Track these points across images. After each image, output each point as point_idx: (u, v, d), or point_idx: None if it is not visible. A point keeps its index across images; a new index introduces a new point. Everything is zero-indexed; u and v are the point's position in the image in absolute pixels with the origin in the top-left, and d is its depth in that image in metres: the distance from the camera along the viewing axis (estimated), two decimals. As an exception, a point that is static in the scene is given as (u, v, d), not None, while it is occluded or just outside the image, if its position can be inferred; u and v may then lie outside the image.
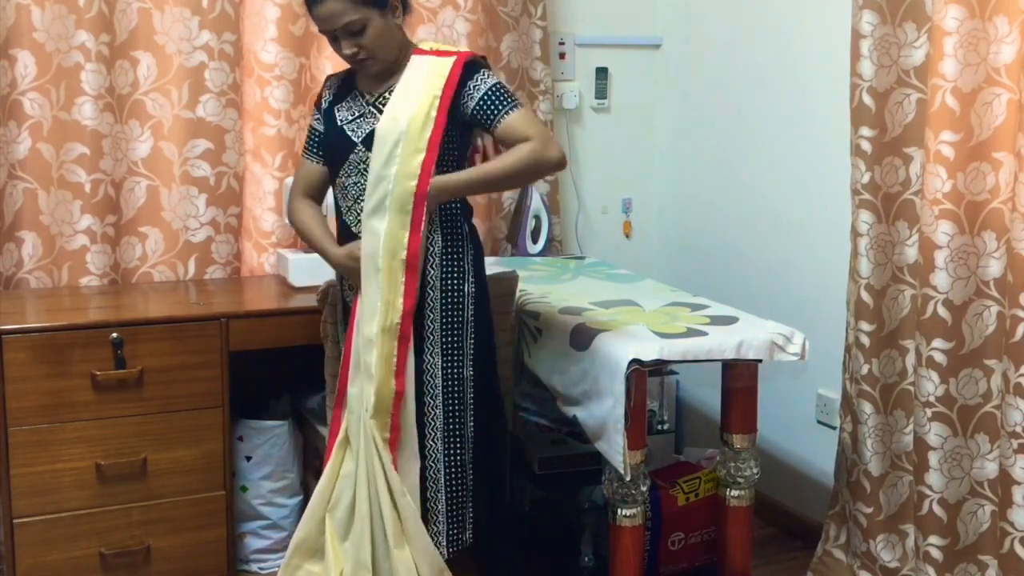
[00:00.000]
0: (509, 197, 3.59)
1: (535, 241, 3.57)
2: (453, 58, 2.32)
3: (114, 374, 2.71)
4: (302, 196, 2.49)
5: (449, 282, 2.37)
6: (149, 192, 3.17)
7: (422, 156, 2.25)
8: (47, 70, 2.99)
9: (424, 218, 2.26)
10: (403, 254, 2.27)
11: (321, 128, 2.45)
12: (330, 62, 3.32)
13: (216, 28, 3.15)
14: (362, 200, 2.31)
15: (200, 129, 3.18)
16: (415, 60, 2.35)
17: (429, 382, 2.36)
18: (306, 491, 3.17)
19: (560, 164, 2.30)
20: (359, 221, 2.33)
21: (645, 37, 3.87)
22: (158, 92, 3.13)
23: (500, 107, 2.28)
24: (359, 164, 2.34)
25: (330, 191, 2.49)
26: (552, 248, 3.65)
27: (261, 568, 3.06)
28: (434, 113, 2.27)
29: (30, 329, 2.65)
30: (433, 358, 2.36)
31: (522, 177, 2.37)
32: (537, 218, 3.57)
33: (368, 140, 2.32)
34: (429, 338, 2.35)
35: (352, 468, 2.35)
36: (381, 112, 2.32)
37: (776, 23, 3.30)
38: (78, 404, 2.70)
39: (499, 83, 2.32)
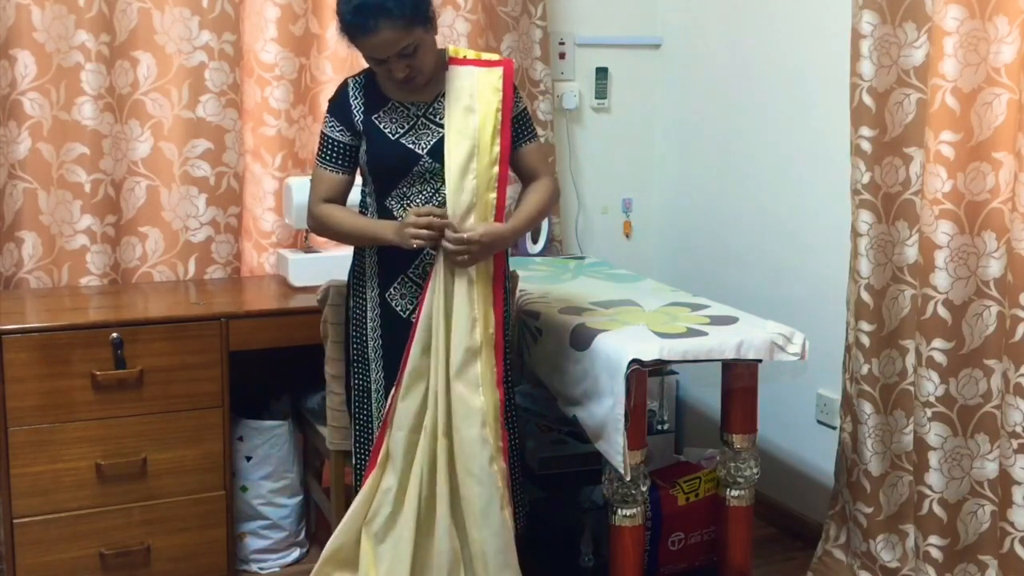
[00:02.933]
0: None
1: (535, 241, 3.57)
2: (501, 69, 2.38)
3: (114, 374, 2.72)
4: (323, 204, 2.43)
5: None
6: (149, 192, 3.17)
7: (496, 169, 2.33)
8: (47, 70, 2.99)
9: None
10: (491, 267, 2.35)
11: (346, 140, 2.39)
12: (330, 62, 3.32)
13: (216, 28, 3.15)
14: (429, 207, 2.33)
15: (200, 129, 3.18)
16: (458, 70, 2.37)
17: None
18: (306, 491, 3.18)
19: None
20: None
21: (645, 37, 3.87)
22: (158, 92, 3.13)
23: (526, 132, 2.45)
24: (425, 174, 2.34)
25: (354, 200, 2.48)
26: (552, 248, 3.65)
27: (261, 568, 3.06)
28: (499, 127, 2.34)
29: (30, 329, 2.65)
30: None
31: (547, 211, 2.54)
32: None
33: (434, 152, 2.33)
34: None
35: (392, 484, 2.35)
36: (436, 123, 2.35)
37: (776, 23, 3.30)
38: (78, 404, 2.70)
39: (527, 108, 2.47)
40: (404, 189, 2.35)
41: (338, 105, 2.41)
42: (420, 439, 2.32)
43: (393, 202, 2.36)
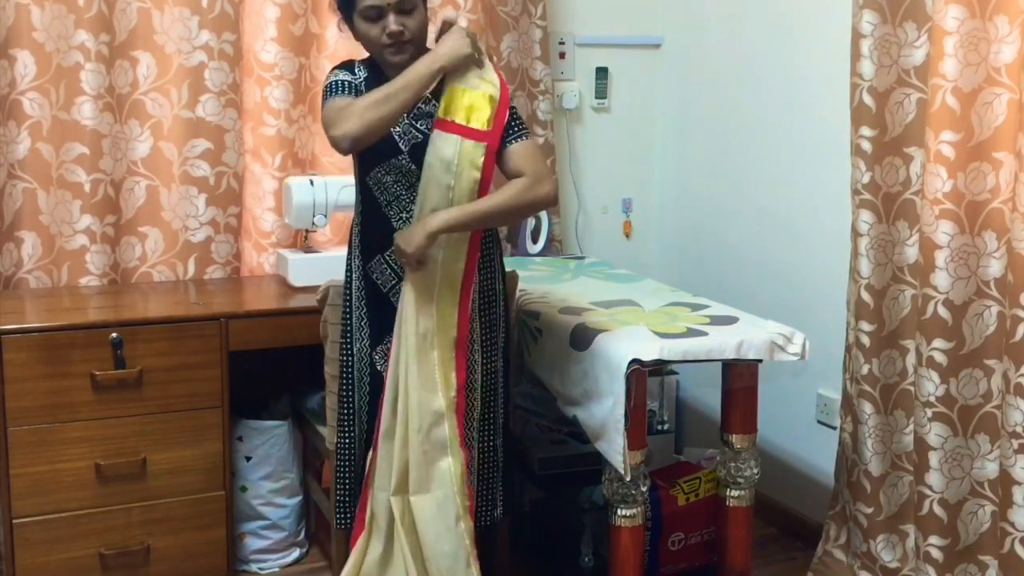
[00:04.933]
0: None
1: (535, 241, 3.57)
2: (484, 146, 2.28)
3: (114, 374, 2.71)
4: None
5: (486, 282, 2.43)
6: (149, 192, 3.16)
7: (467, 244, 2.31)
8: (47, 70, 2.99)
9: (471, 296, 2.35)
10: (453, 333, 2.33)
11: (357, 83, 2.32)
12: (330, 62, 3.32)
13: (216, 28, 3.15)
14: (403, 199, 2.32)
15: (200, 129, 3.18)
16: (443, 136, 2.27)
17: (470, 376, 2.41)
18: (306, 491, 3.18)
19: (548, 202, 2.34)
20: (401, 218, 2.34)
21: (645, 37, 3.87)
22: (158, 92, 3.13)
23: (508, 132, 2.33)
24: (400, 170, 2.32)
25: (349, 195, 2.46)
26: (552, 248, 3.65)
27: (261, 568, 3.06)
28: (475, 195, 2.28)
29: (30, 329, 2.65)
30: (474, 355, 2.41)
31: (512, 214, 2.38)
32: (537, 218, 3.57)
33: (413, 153, 2.31)
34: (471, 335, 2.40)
35: (379, 548, 2.37)
36: (419, 130, 2.31)
37: (776, 23, 3.30)
38: (78, 404, 2.70)
39: (513, 108, 2.37)
40: (381, 175, 2.35)
41: (346, 66, 2.39)
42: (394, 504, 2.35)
43: (371, 183, 2.37)
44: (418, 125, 2.33)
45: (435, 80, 2.27)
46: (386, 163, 2.34)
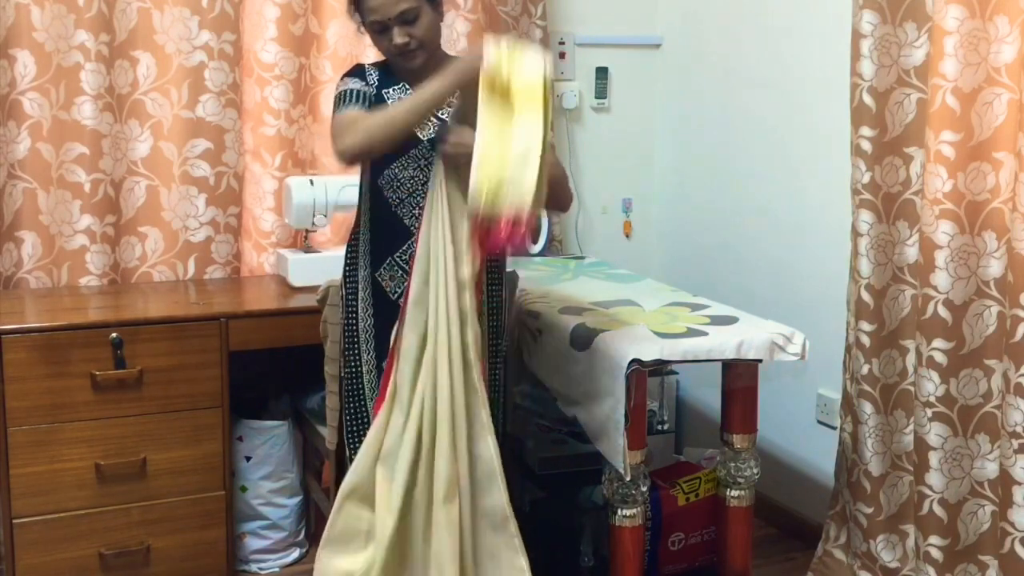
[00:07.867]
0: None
1: (535, 241, 3.57)
2: None
3: (114, 374, 2.71)
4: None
5: (494, 287, 2.45)
6: (149, 192, 3.17)
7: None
8: (47, 70, 2.99)
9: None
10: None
11: (369, 91, 2.34)
12: (330, 62, 3.32)
13: (216, 28, 3.15)
14: (417, 195, 2.32)
15: (200, 129, 3.18)
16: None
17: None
18: (306, 491, 3.18)
19: (568, 204, 2.53)
20: (413, 215, 2.32)
21: (645, 37, 3.87)
22: (158, 92, 3.13)
23: None
24: (420, 159, 2.32)
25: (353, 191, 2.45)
26: (552, 248, 3.65)
27: (261, 568, 3.06)
28: None
29: (30, 329, 2.65)
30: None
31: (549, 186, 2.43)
32: (537, 218, 3.57)
33: (434, 141, 2.30)
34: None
35: (400, 419, 2.30)
36: (437, 116, 2.33)
37: (776, 23, 3.30)
38: (78, 404, 2.70)
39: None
40: (397, 171, 2.34)
41: (356, 72, 2.40)
42: (421, 369, 2.28)
43: (384, 182, 2.36)
44: (438, 114, 2.33)
45: (446, 99, 2.25)
46: (403, 156, 2.33)
